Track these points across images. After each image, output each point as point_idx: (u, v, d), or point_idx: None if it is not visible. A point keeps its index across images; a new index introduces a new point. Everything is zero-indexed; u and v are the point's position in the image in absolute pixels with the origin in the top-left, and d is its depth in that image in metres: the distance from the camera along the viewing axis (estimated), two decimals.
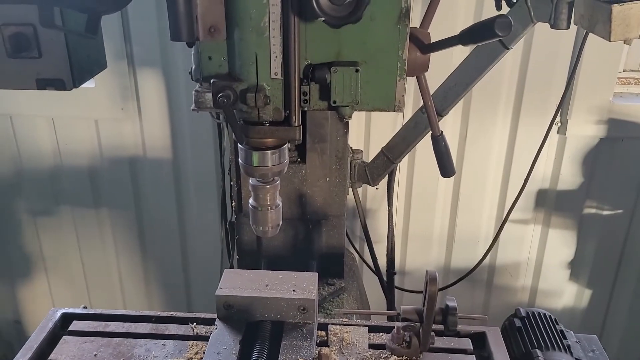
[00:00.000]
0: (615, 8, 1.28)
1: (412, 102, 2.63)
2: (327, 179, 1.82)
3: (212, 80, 1.11)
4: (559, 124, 2.73)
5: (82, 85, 1.45)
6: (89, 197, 3.04)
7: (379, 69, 1.12)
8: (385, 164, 2.00)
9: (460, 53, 1.88)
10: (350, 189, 2.04)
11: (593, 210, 2.93)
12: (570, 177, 2.86)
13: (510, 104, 2.71)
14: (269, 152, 1.20)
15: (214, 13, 1.06)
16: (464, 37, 1.08)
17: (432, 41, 1.15)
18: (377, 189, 2.16)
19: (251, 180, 1.28)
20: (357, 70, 1.10)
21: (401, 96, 1.15)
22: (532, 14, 1.47)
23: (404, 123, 2.00)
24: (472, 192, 2.90)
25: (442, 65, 1.74)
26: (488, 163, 2.84)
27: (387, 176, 2.05)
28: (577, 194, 2.90)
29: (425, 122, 1.85)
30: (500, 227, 2.25)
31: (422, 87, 1.25)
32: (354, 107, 1.14)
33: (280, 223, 1.33)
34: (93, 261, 3.23)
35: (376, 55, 1.11)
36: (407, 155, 2.02)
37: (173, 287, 3.28)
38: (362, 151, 2.05)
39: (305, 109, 1.15)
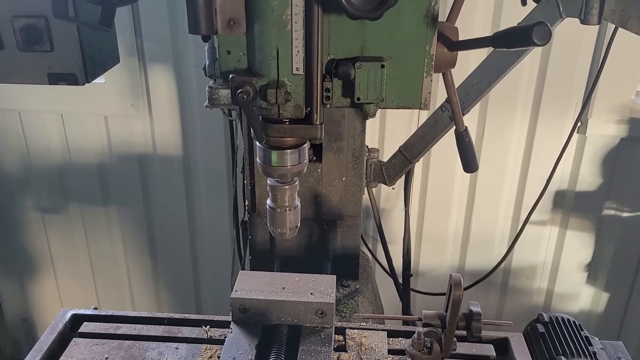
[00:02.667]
0: None
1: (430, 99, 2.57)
2: (343, 179, 1.78)
3: (230, 76, 1.07)
4: (579, 123, 2.67)
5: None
6: (97, 195, 3.01)
7: (406, 65, 1.07)
8: (402, 163, 1.95)
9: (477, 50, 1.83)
10: (365, 188, 1.99)
11: (612, 212, 2.88)
12: (589, 178, 2.81)
13: (528, 102, 2.66)
14: (289, 151, 1.16)
15: (234, 5, 1.02)
16: (498, 41, 1.02)
17: (459, 37, 1.10)
18: (393, 188, 2.12)
19: (269, 181, 1.24)
20: (382, 66, 1.05)
21: (427, 93, 1.11)
22: (561, 9, 1.42)
23: (418, 122, 1.95)
24: (489, 192, 2.85)
25: (459, 61, 1.69)
26: (505, 163, 2.79)
27: (403, 176, 2.00)
28: (596, 195, 2.84)
29: (445, 120, 1.81)
30: (520, 229, 2.20)
31: (448, 82, 1.20)
32: (378, 104, 1.10)
33: (299, 225, 1.29)
34: (101, 259, 3.21)
35: (403, 51, 1.06)
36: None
37: (182, 287, 3.25)
38: (378, 150, 2.00)
39: (328, 106, 1.11)
